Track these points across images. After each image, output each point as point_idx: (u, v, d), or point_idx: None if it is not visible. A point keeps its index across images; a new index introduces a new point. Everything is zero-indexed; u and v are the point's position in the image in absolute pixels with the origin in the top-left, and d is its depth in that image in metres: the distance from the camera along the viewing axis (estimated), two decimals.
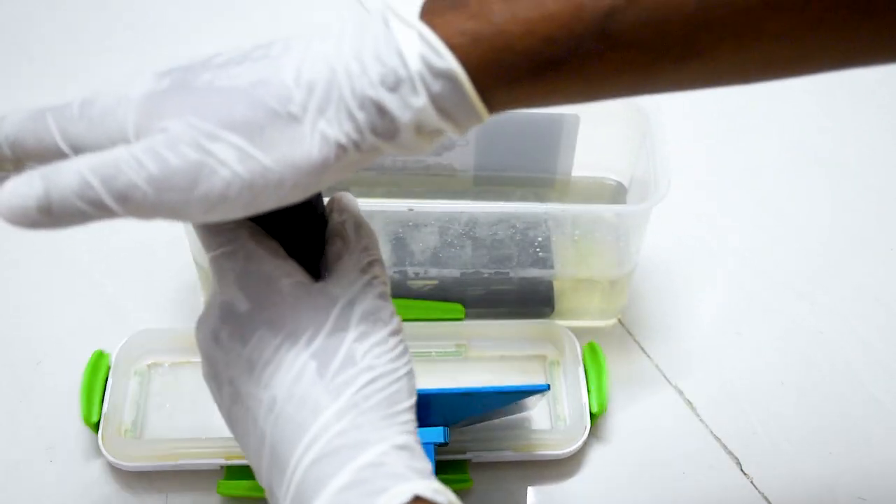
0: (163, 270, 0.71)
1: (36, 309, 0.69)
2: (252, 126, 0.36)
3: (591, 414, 0.62)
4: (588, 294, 0.69)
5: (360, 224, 0.45)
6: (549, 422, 0.64)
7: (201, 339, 0.43)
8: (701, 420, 0.65)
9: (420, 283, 0.67)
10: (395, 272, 0.66)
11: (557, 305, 0.68)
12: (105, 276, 0.71)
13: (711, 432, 0.64)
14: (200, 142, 0.36)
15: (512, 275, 0.66)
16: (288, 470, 0.39)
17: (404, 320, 0.60)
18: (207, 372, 0.44)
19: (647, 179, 0.62)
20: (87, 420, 0.61)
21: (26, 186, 0.37)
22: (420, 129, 0.37)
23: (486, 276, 0.66)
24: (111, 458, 0.59)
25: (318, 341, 0.40)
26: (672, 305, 0.71)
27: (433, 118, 0.37)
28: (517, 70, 0.37)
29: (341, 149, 0.37)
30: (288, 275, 0.42)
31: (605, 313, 0.69)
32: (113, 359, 0.63)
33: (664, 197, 0.59)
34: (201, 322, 0.44)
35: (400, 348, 0.43)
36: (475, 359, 0.67)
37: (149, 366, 0.65)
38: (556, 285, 0.68)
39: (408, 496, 0.37)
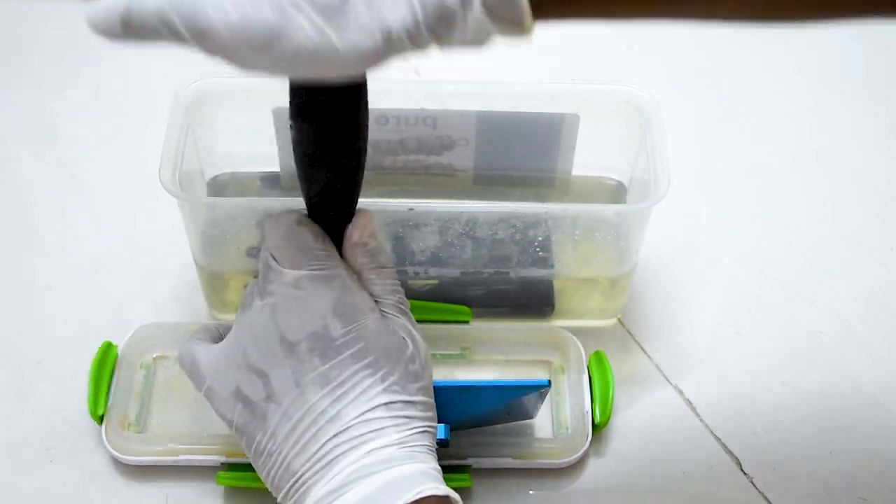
0: (163, 270, 0.71)
1: (38, 306, 0.70)
2: (330, 4, 0.39)
3: (594, 423, 0.62)
4: (588, 294, 0.69)
5: (386, 255, 0.54)
6: (552, 429, 0.63)
7: (268, 342, 0.50)
8: (701, 420, 0.65)
9: (420, 282, 0.67)
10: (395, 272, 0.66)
11: (557, 305, 0.68)
12: (106, 275, 0.71)
13: (711, 432, 0.64)
14: (284, 7, 0.39)
15: (512, 274, 0.66)
16: (340, 464, 0.47)
17: None
18: (250, 363, 0.50)
19: (647, 179, 0.62)
20: (92, 413, 0.61)
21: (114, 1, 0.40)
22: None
23: (486, 275, 0.66)
24: (113, 452, 0.60)
25: (391, 380, 0.49)
26: (672, 305, 0.71)
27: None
28: None
29: (399, 39, 0.40)
30: (372, 309, 0.51)
31: (605, 313, 0.69)
32: (119, 351, 0.64)
33: (664, 196, 0.59)
34: (242, 338, 0.51)
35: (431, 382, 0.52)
36: (480, 362, 0.66)
37: (155, 359, 0.66)
38: (556, 285, 0.68)
39: (443, 491, 0.47)
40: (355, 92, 0.49)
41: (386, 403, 0.48)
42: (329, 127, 0.49)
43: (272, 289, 0.51)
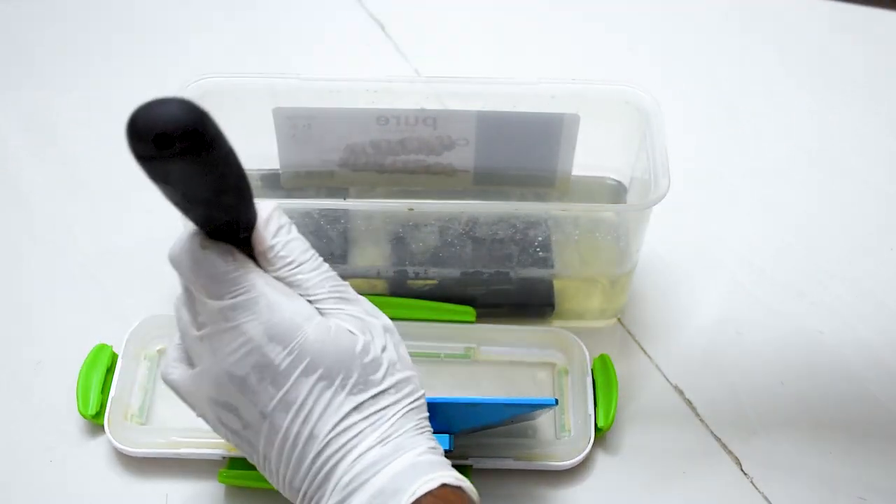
0: (163, 270, 0.71)
1: (38, 306, 0.70)
2: None
3: (597, 427, 0.62)
4: (588, 294, 0.69)
5: (303, 245, 0.50)
6: (554, 431, 0.63)
7: (220, 380, 0.48)
8: (701, 420, 0.65)
9: (420, 282, 0.67)
10: (394, 272, 0.66)
11: (558, 305, 0.68)
12: (106, 275, 0.71)
13: (711, 432, 0.64)
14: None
15: (512, 275, 0.66)
16: (333, 479, 0.47)
17: (414, 320, 0.59)
18: (216, 400, 0.49)
19: (647, 179, 0.62)
20: (83, 412, 0.61)
21: None
22: None
23: (486, 275, 0.66)
24: (115, 443, 0.60)
25: (351, 382, 0.48)
26: (672, 305, 0.71)
27: None
28: None
29: None
30: (307, 317, 0.48)
31: (605, 313, 0.69)
32: (123, 343, 0.64)
33: (664, 196, 0.59)
34: (203, 375, 0.49)
35: (406, 355, 0.51)
36: (484, 362, 0.66)
37: (159, 351, 0.66)
38: (556, 285, 0.68)
39: (436, 483, 0.46)
40: (201, 158, 0.44)
41: (355, 407, 0.47)
42: (185, 188, 0.45)
43: (203, 320, 0.49)
